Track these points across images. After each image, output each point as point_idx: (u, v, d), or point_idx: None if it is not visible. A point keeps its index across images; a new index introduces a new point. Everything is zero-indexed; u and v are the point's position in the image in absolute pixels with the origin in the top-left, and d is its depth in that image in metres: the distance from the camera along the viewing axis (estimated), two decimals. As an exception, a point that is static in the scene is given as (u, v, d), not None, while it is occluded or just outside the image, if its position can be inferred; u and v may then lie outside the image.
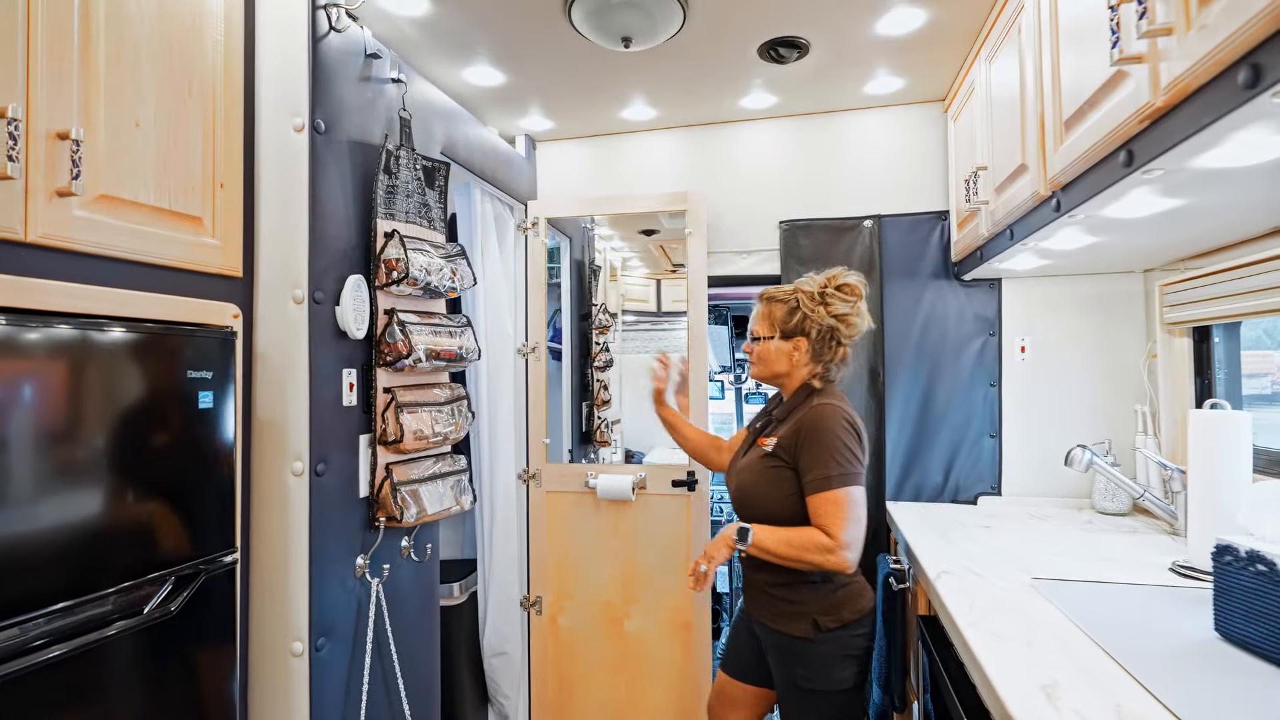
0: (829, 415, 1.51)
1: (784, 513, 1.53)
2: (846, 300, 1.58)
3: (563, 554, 2.35)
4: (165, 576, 1.14)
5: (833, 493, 1.45)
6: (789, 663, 1.56)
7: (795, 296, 1.60)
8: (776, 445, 1.56)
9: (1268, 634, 1.00)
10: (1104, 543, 1.72)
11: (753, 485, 1.58)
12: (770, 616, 1.58)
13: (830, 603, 1.54)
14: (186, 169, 1.24)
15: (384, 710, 1.58)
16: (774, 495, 1.54)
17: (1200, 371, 1.90)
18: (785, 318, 1.60)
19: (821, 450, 1.47)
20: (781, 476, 1.53)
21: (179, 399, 1.18)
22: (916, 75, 2.15)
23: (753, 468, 1.59)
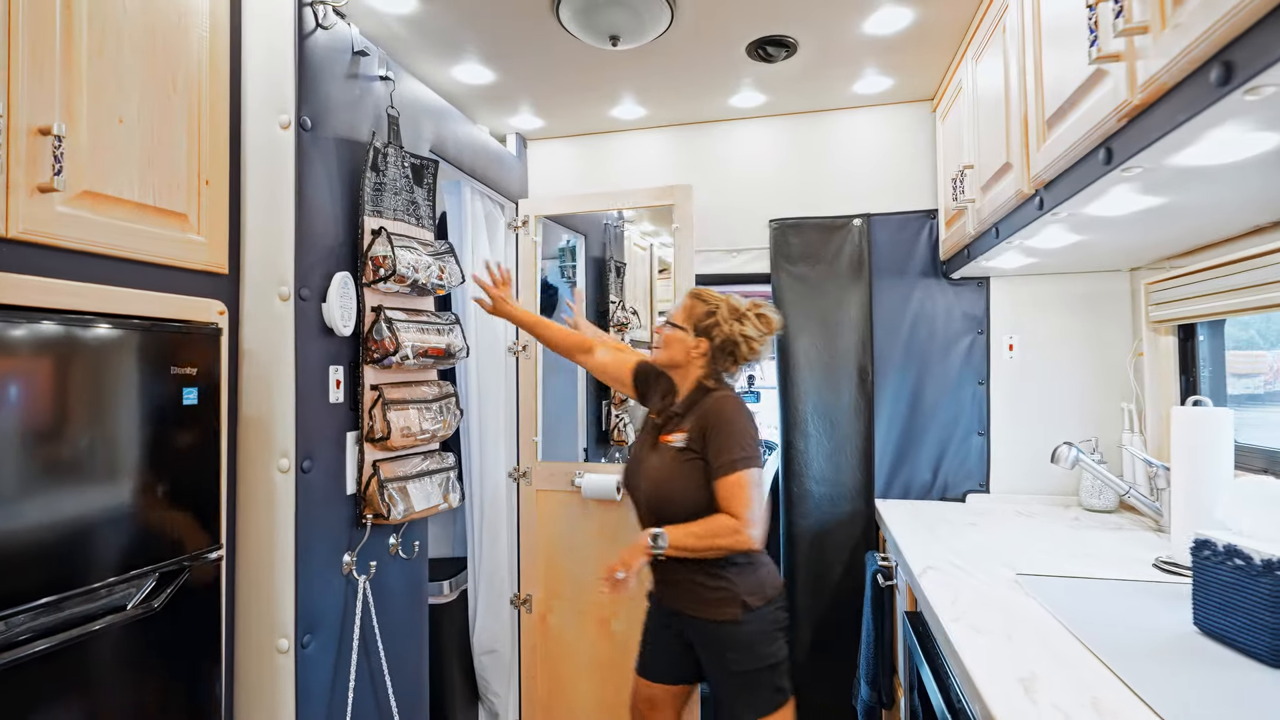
0: (733, 405, 1.62)
1: (703, 501, 1.58)
2: (759, 328, 1.68)
3: (552, 553, 2.35)
4: (148, 573, 1.14)
5: (738, 474, 1.54)
6: (719, 649, 1.59)
7: (719, 304, 1.68)
8: (687, 440, 1.62)
9: (1244, 627, 1.01)
10: (1089, 539, 1.73)
11: (669, 481, 1.62)
12: (698, 607, 1.60)
13: (754, 582, 1.60)
14: (171, 165, 1.24)
15: (371, 708, 1.58)
16: (692, 486, 1.59)
17: (1185, 369, 1.92)
18: (702, 317, 1.68)
19: (729, 437, 1.57)
20: (696, 468, 1.60)
21: (163, 395, 1.18)
22: (905, 75, 2.16)
23: (666, 465, 1.63)
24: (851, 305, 2.34)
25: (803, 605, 2.33)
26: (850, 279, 2.35)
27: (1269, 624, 0.97)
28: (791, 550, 2.34)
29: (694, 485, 1.59)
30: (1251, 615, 0.99)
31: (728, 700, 1.61)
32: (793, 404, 2.35)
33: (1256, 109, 0.81)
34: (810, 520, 2.33)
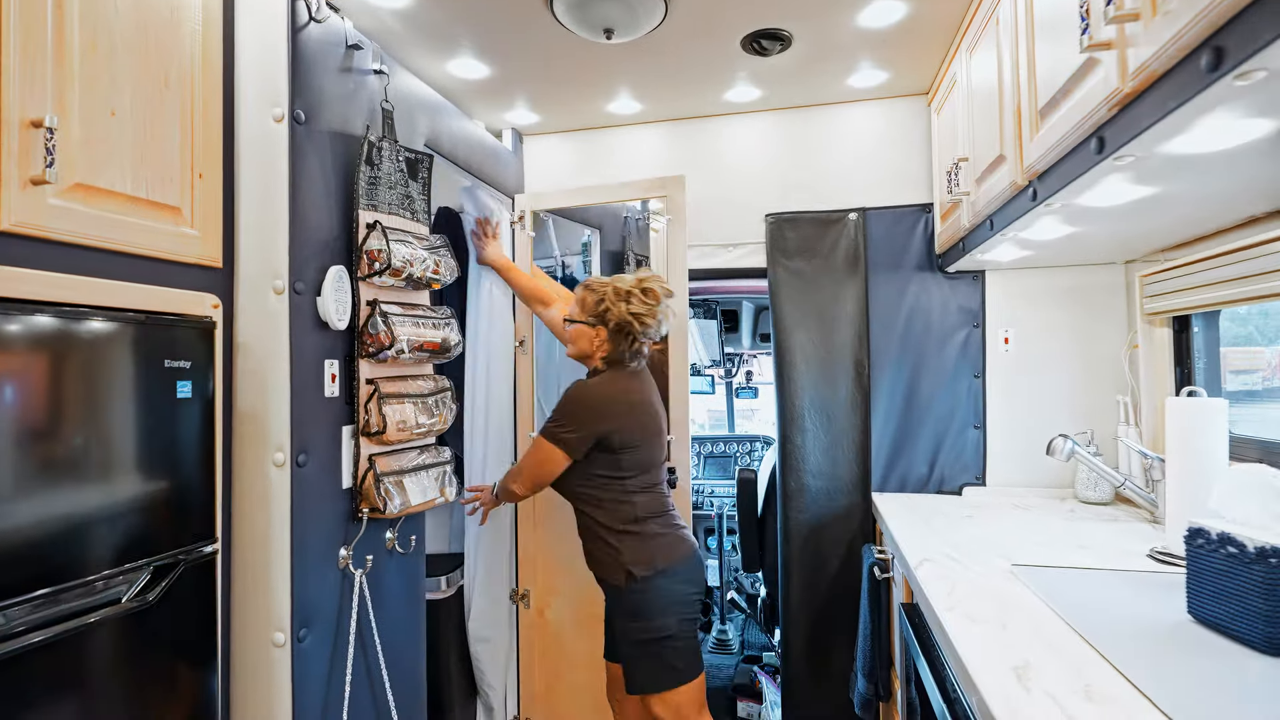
0: (579, 387, 1.77)
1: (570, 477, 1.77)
2: (646, 303, 1.75)
3: (549, 548, 2.35)
4: (143, 566, 1.14)
5: (536, 438, 1.76)
6: (618, 615, 1.73)
7: (605, 289, 1.78)
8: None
9: (1237, 614, 1.01)
10: (1085, 531, 1.74)
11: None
12: (601, 569, 1.76)
13: (643, 553, 1.70)
14: (164, 158, 1.24)
15: (367, 701, 1.58)
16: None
17: (1180, 361, 1.92)
18: (594, 306, 1.78)
19: (556, 409, 1.74)
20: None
21: (156, 388, 1.18)
22: (900, 68, 2.16)
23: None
24: (847, 300, 2.34)
25: (799, 599, 2.33)
26: (846, 273, 2.35)
27: (1262, 611, 0.97)
28: (788, 544, 2.34)
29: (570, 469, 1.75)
30: (1245, 602, 1.00)
31: (626, 669, 1.73)
32: (789, 399, 2.35)
33: (1247, 94, 0.81)
34: (807, 514, 2.33)
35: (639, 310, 1.73)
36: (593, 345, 1.78)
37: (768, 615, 2.85)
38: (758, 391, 4.77)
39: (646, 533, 1.72)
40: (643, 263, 2.88)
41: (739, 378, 4.70)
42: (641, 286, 1.76)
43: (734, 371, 4.67)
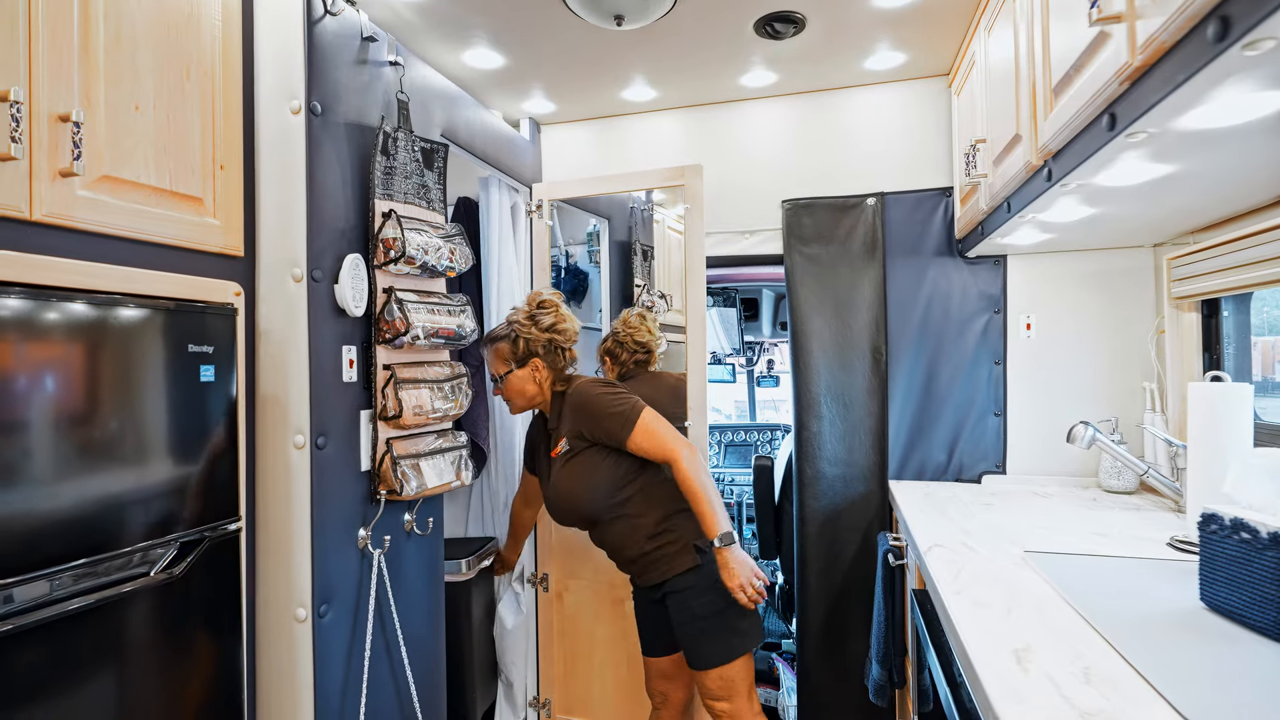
0: (581, 389, 1.76)
1: (616, 479, 1.73)
2: (548, 312, 1.81)
3: (566, 533, 2.38)
4: (170, 542, 1.20)
5: (637, 424, 1.68)
6: (689, 600, 1.71)
7: (511, 329, 1.79)
8: (569, 439, 1.75)
9: (1250, 601, 0.99)
10: (1105, 519, 1.70)
11: (573, 476, 1.74)
12: (664, 571, 1.73)
13: (694, 523, 1.71)
14: (186, 150, 1.28)
15: (386, 677, 1.63)
16: (596, 474, 1.72)
17: (1209, 347, 1.87)
18: (511, 351, 1.79)
19: (601, 410, 1.70)
20: (590, 453, 1.73)
21: (181, 372, 1.23)
22: (918, 49, 2.12)
23: (565, 469, 1.76)
24: (865, 285, 2.31)
25: (815, 586, 2.33)
26: (864, 259, 2.32)
27: (1275, 597, 0.95)
28: (804, 532, 2.34)
29: (596, 473, 1.72)
30: (1258, 589, 0.98)
31: (694, 648, 1.72)
32: (806, 385, 2.34)
33: (1257, 65, 0.79)
34: (823, 501, 2.32)
35: (549, 322, 1.79)
36: (537, 382, 1.80)
37: (785, 603, 2.85)
38: (779, 380, 4.75)
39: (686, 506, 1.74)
40: (649, 252, 2.89)
41: (760, 366, 4.69)
42: (536, 303, 1.83)
43: (755, 360, 4.66)
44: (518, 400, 1.83)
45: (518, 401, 1.83)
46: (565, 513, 1.79)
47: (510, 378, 1.80)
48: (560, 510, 1.80)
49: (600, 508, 1.73)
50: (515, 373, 1.80)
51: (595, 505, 1.73)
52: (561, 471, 1.76)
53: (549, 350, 1.79)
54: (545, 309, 1.82)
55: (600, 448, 1.73)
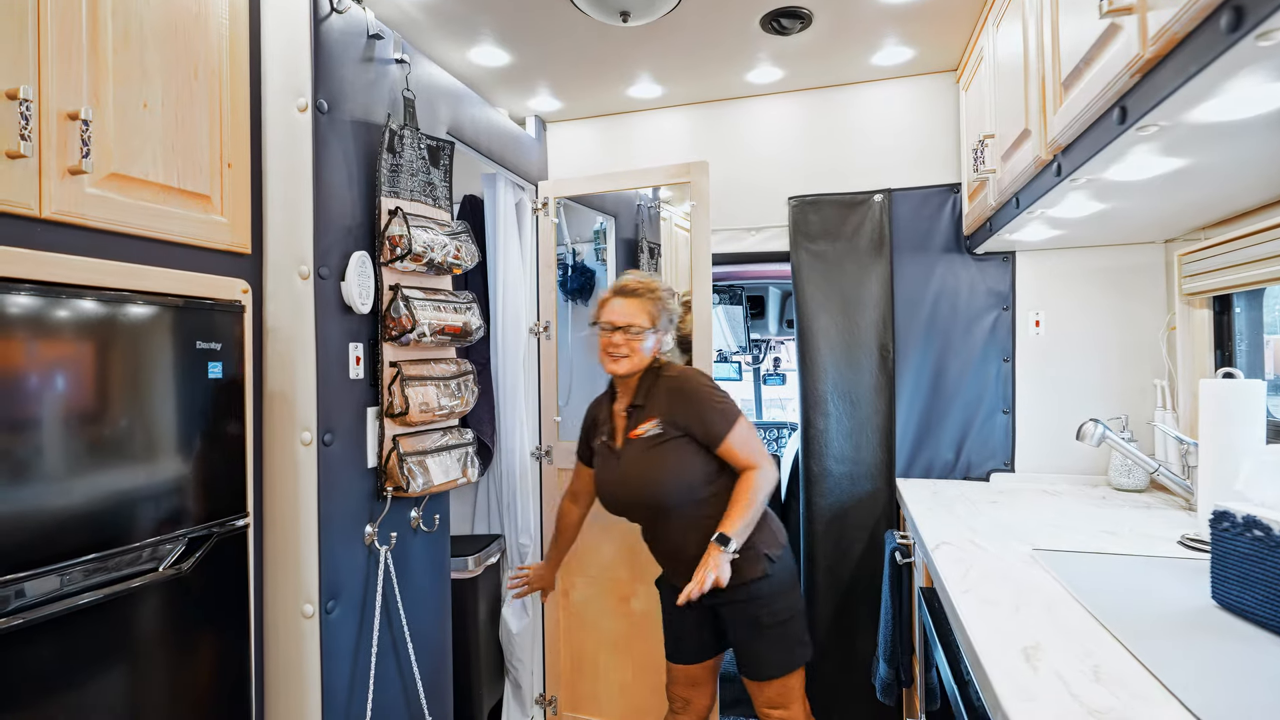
0: (692, 378, 1.70)
1: (697, 475, 1.64)
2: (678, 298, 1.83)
3: (573, 529, 2.38)
4: (178, 537, 1.20)
5: (734, 429, 1.63)
6: (750, 610, 1.65)
7: (658, 294, 1.74)
8: (661, 424, 1.66)
9: (1262, 599, 0.98)
10: (1115, 517, 1.69)
11: (658, 462, 1.64)
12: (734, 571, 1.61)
13: (769, 534, 1.68)
14: (194, 149, 1.29)
15: (393, 672, 1.63)
16: (682, 466, 1.63)
17: (1220, 343, 1.85)
18: (656, 313, 1.73)
19: (706, 402, 1.64)
20: (678, 446, 1.65)
21: (189, 369, 1.23)
22: (926, 45, 2.11)
23: (651, 452, 1.66)
24: (872, 282, 2.30)
25: (822, 584, 2.33)
26: (871, 256, 2.31)
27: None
28: (811, 529, 2.33)
29: (684, 464, 1.64)
30: (1271, 587, 0.97)
31: (756, 659, 1.66)
32: (812, 383, 2.34)
33: (1270, 56, 0.78)
34: (830, 499, 2.31)
35: (680, 308, 1.82)
36: (654, 354, 1.75)
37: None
38: (785, 378, 4.73)
39: (767, 515, 1.70)
40: (655, 250, 2.89)
41: (766, 364, 4.67)
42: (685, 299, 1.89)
43: (761, 358, 4.64)
44: (634, 359, 1.70)
45: (633, 360, 1.70)
46: (632, 497, 1.69)
47: (648, 335, 1.70)
48: (627, 492, 1.69)
49: (678, 500, 1.64)
50: (653, 333, 1.72)
51: (675, 497, 1.63)
52: (646, 454, 1.65)
53: (671, 328, 1.78)
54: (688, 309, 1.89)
55: (689, 440, 1.64)
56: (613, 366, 1.70)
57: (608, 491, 1.75)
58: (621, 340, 1.69)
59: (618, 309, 1.72)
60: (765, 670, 1.66)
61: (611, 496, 1.74)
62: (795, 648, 1.67)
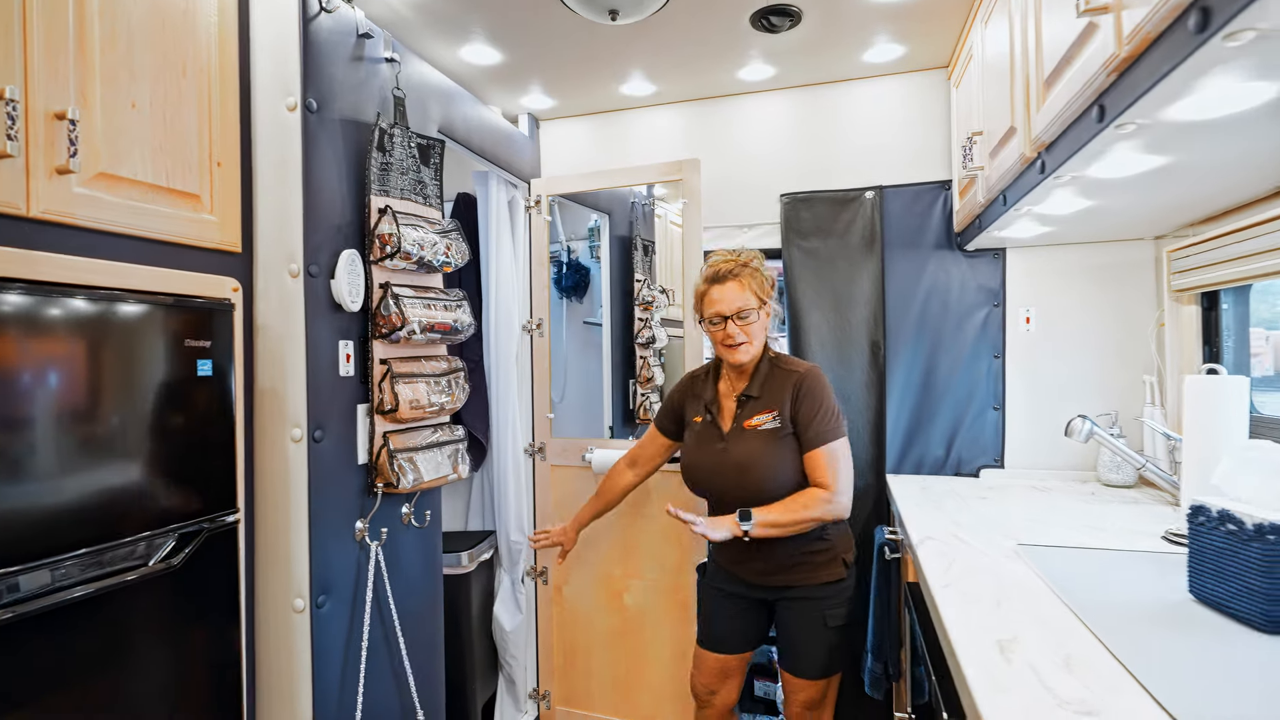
0: (821, 378, 1.66)
1: (795, 477, 1.63)
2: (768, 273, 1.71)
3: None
4: (168, 533, 1.22)
5: (830, 445, 1.60)
6: (818, 609, 1.66)
7: (753, 262, 1.66)
8: (778, 419, 1.63)
9: (1235, 592, 0.99)
10: (1102, 513, 1.70)
11: (765, 458, 1.62)
12: (804, 577, 1.66)
13: (848, 540, 1.72)
14: (183, 148, 1.30)
15: (385, 666, 1.65)
16: (790, 466, 1.62)
17: (1208, 339, 1.86)
18: (760, 287, 1.66)
19: (820, 409, 1.61)
20: (790, 444, 1.63)
21: (179, 366, 1.24)
22: (917, 42, 2.11)
23: (762, 449, 1.63)
24: (863, 279, 2.31)
25: (814, 579, 2.34)
26: (862, 252, 2.32)
27: (1260, 589, 0.95)
28: (803, 525, 2.34)
29: (792, 464, 1.62)
30: (1243, 580, 0.98)
31: (809, 658, 1.67)
32: (804, 379, 2.34)
33: (1239, 56, 0.79)
34: (821, 495, 2.32)
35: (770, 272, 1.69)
36: (764, 329, 1.68)
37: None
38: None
39: (845, 521, 1.69)
40: (649, 248, 2.90)
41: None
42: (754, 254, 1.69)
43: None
44: (756, 344, 1.64)
45: (754, 346, 1.64)
46: (732, 484, 1.64)
47: (760, 314, 1.63)
48: (727, 480, 1.65)
49: (779, 496, 1.60)
50: (764, 310, 1.64)
51: (780, 492, 1.60)
52: (762, 447, 1.61)
53: (773, 295, 1.68)
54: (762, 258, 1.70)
55: (795, 438, 1.62)
56: (736, 358, 1.65)
57: (704, 471, 1.70)
58: (736, 329, 1.63)
59: (723, 297, 1.63)
60: (819, 669, 1.66)
61: (706, 477, 1.70)
62: (845, 653, 1.70)
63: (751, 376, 1.68)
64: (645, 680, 2.31)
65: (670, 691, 2.27)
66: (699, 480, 1.73)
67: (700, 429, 1.74)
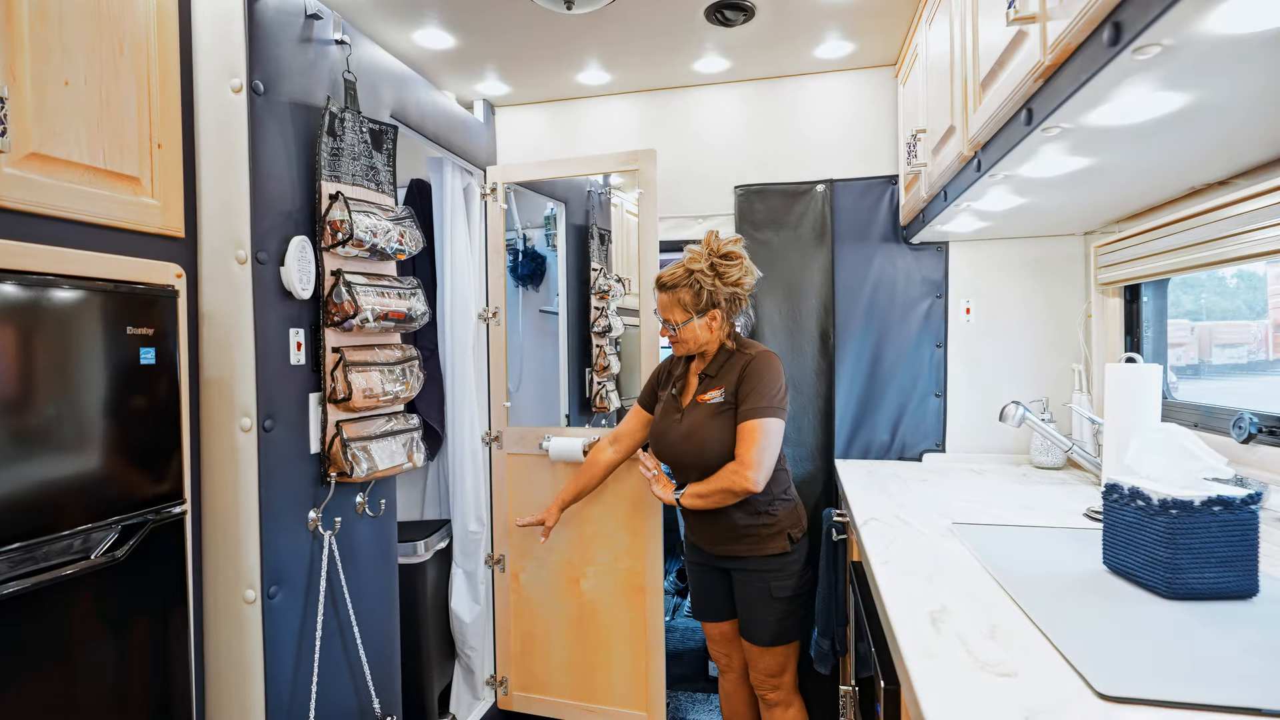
0: (770, 360, 1.77)
1: (731, 447, 1.74)
2: (733, 264, 1.77)
3: (522, 513, 2.41)
4: (111, 525, 1.19)
5: (754, 421, 1.69)
6: (765, 580, 1.79)
7: (694, 279, 1.76)
8: (725, 394, 1.77)
9: (1142, 563, 1.08)
10: (1032, 493, 1.81)
11: (707, 430, 1.77)
12: (751, 548, 1.79)
13: (795, 516, 1.83)
14: (121, 129, 1.26)
15: (340, 657, 1.64)
16: (721, 434, 1.74)
17: (1130, 330, 1.98)
18: (693, 300, 1.77)
19: (758, 388, 1.72)
20: (730, 417, 1.76)
21: (120, 354, 1.21)
22: (866, 40, 2.17)
23: (702, 421, 1.78)
24: (814, 270, 2.38)
25: (766, 562, 2.41)
26: (813, 244, 2.38)
27: (1164, 559, 1.04)
28: (755, 509, 2.41)
29: (729, 435, 1.74)
30: (1149, 551, 1.06)
31: (761, 626, 1.81)
32: (757, 368, 2.40)
33: (1149, 68, 0.85)
34: (773, 480, 2.39)
35: (736, 276, 1.76)
36: (712, 332, 1.79)
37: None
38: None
39: (792, 496, 1.85)
40: (606, 237, 2.91)
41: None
42: (720, 253, 1.77)
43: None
44: (689, 345, 1.81)
45: (689, 347, 1.81)
46: (683, 454, 1.79)
47: (688, 327, 1.77)
48: (681, 450, 1.79)
49: (712, 462, 1.74)
50: (694, 322, 1.77)
51: (709, 458, 1.74)
52: (706, 420, 1.76)
53: (730, 303, 1.78)
54: (731, 261, 1.76)
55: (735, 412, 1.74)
56: (674, 350, 1.86)
57: (664, 442, 1.85)
58: (669, 332, 1.83)
59: (659, 304, 1.83)
60: (770, 638, 1.81)
61: (667, 447, 1.85)
62: (798, 623, 1.83)
63: (713, 360, 1.83)
64: (603, 664, 2.35)
65: (629, 673, 2.32)
66: (659, 447, 1.89)
67: (666, 401, 1.90)
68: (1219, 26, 0.74)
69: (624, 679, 2.32)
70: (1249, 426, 1.46)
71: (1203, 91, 0.93)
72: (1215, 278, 2.24)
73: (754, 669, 1.88)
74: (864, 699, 1.41)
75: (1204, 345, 2.23)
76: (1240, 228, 1.38)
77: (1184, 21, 0.73)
